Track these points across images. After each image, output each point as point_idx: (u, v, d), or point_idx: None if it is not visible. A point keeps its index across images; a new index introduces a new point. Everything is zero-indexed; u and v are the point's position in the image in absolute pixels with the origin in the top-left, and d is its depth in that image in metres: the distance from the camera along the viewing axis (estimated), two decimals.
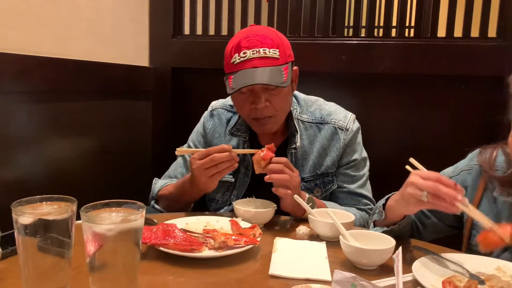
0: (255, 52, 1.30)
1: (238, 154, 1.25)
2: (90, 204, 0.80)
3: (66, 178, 1.66)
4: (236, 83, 1.29)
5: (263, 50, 1.30)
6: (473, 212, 0.93)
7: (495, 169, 1.05)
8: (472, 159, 1.16)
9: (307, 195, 1.33)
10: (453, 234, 1.23)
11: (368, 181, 1.52)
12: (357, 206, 1.46)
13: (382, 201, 1.17)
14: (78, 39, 1.74)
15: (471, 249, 1.12)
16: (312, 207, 1.29)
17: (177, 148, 1.37)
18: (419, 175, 0.97)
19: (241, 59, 1.30)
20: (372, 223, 1.22)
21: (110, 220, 0.77)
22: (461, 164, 1.20)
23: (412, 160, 1.05)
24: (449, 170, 1.22)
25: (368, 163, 1.52)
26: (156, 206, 1.48)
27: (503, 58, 1.81)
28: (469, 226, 1.06)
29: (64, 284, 0.81)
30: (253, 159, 1.26)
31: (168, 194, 1.46)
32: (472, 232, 1.11)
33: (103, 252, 0.76)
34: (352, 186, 1.47)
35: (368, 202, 1.49)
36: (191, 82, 2.23)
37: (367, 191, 1.50)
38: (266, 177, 1.23)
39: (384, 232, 1.12)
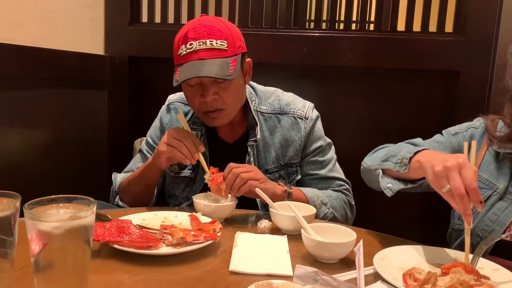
0: (201, 43, 1.25)
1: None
2: (35, 200, 0.74)
3: (13, 172, 1.56)
4: (181, 76, 1.25)
5: (210, 41, 1.25)
6: (466, 240, 0.94)
7: (496, 131, 1.18)
8: (478, 120, 1.26)
9: (280, 183, 1.33)
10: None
11: (338, 164, 1.51)
12: (332, 188, 1.46)
13: (408, 154, 1.06)
14: (26, 24, 1.63)
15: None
16: (289, 195, 1.30)
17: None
18: (460, 170, 0.89)
19: (188, 50, 1.26)
20: (380, 171, 1.14)
21: (57, 217, 0.72)
22: (465, 124, 1.27)
23: (473, 144, 1.03)
24: (454, 127, 1.27)
25: (333, 148, 1.52)
26: (120, 203, 1.43)
27: (459, 53, 1.86)
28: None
29: (6, 286, 0.75)
30: (212, 191, 1.27)
31: (130, 179, 1.43)
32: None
33: (49, 251, 0.71)
34: (323, 171, 1.47)
35: (342, 183, 1.48)
36: (150, 72, 2.15)
37: (339, 173, 1.50)
38: (238, 194, 1.24)
39: (403, 189, 1.07)
